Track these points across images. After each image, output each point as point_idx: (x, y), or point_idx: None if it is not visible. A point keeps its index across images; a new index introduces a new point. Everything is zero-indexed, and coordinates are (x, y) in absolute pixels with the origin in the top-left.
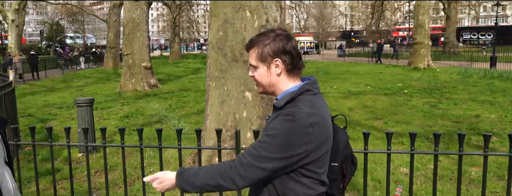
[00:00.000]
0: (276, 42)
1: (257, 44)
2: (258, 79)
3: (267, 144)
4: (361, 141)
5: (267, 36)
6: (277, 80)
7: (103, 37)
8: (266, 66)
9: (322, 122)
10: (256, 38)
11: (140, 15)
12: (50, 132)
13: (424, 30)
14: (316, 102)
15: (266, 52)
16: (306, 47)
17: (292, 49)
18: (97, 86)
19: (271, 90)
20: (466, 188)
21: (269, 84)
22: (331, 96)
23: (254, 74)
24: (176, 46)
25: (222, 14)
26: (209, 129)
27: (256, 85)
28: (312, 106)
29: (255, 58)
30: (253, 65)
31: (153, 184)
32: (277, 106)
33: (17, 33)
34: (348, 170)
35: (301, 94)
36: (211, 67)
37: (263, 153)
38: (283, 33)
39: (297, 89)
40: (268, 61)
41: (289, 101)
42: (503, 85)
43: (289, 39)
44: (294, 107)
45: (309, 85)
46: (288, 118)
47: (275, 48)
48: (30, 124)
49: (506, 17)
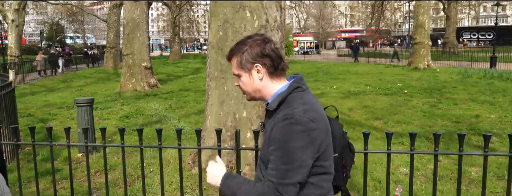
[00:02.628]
0: (253, 48)
1: (235, 53)
2: (243, 87)
3: (283, 158)
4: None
5: (244, 43)
6: (261, 85)
7: (103, 37)
8: (248, 73)
9: (319, 116)
10: (234, 47)
11: (140, 15)
12: (50, 132)
13: (424, 30)
14: (307, 98)
15: (245, 59)
16: (306, 47)
17: (271, 51)
18: (97, 86)
19: (258, 95)
20: (466, 188)
21: (254, 90)
22: (331, 96)
23: (239, 83)
24: (176, 46)
25: (222, 14)
26: (209, 129)
27: (244, 93)
28: (304, 102)
29: (236, 67)
30: (236, 74)
31: (207, 172)
32: (270, 110)
33: (17, 33)
34: (348, 158)
35: (291, 92)
36: (211, 67)
37: (286, 167)
38: (259, 37)
39: (286, 89)
40: (248, 67)
41: (281, 102)
42: (503, 85)
43: (266, 43)
44: (289, 108)
45: (296, 82)
46: (288, 122)
47: (253, 54)
48: (30, 124)
49: (506, 17)
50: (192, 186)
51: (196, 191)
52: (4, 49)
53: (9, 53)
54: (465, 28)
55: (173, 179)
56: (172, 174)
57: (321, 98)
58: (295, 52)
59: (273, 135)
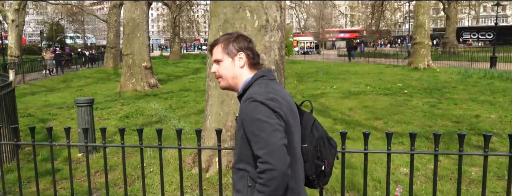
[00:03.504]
0: (240, 41)
1: (221, 41)
2: (222, 72)
3: (256, 131)
4: (361, 141)
5: (231, 35)
6: (240, 72)
7: (103, 37)
8: (231, 58)
9: (280, 98)
10: (221, 37)
11: (140, 15)
12: (50, 132)
13: (424, 30)
14: (271, 85)
15: (231, 46)
16: (306, 47)
17: (253, 48)
18: (97, 86)
19: (234, 82)
20: (466, 188)
21: (233, 76)
22: (331, 96)
23: (217, 69)
24: (176, 46)
25: (222, 14)
26: (209, 129)
27: (219, 80)
28: (266, 86)
29: (221, 52)
30: (217, 60)
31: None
32: (239, 96)
33: (17, 33)
34: (326, 152)
35: (256, 79)
36: (211, 67)
37: (263, 136)
38: (244, 34)
39: (251, 76)
40: (232, 54)
41: (246, 87)
42: (503, 85)
43: (250, 41)
44: (249, 93)
45: (263, 72)
46: (250, 101)
47: (240, 44)
48: (30, 124)
49: (506, 17)
50: (192, 186)
51: (196, 191)
52: (4, 49)
53: (9, 53)
54: (465, 28)
55: (173, 179)
56: (172, 174)
57: (321, 98)
58: (295, 52)
59: (242, 116)
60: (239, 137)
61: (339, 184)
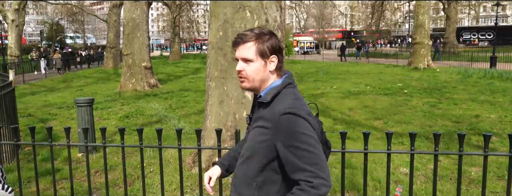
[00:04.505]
0: (273, 41)
1: (256, 39)
2: (251, 73)
3: (303, 146)
4: (361, 141)
5: (263, 32)
6: (269, 76)
7: (103, 37)
8: (264, 61)
9: (309, 109)
10: (253, 34)
11: (140, 15)
12: (50, 132)
13: (424, 30)
14: (298, 94)
15: (265, 48)
16: (306, 47)
17: (282, 48)
18: (97, 86)
19: (259, 85)
20: (466, 188)
21: (262, 79)
22: (331, 96)
23: (245, 68)
24: (176, 46)
25: (222, 14)
26: (209, 129)
27: (242, 80)
28: (295, 97)
29: (254, 51)
30: (248, 59)
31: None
32: (263, 102)
33: (17, 33)
34: (325, 154)
35: (285, 87)
36: (211, 67)
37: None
38: (272, 33)
39: (280, 83)
40: (266, 56)
41: (275, 95)
42: (503, 85)
43: (280, 41)
44: (285, 103)
45: (289, 79)
46: (291, 115)
47: (274, 45)
48: (30, 124)
49: (506, 17)
50: (192, 186)
51: (196, 191)
52: (4, 49)
53: (9, 53)
54: (465, 28)
55: (173, 179)
56: (172, 174)
57: (321, 98)
58: (295, 52)
59: (281, 129)
60: (260, 146)
61: (339, 184)
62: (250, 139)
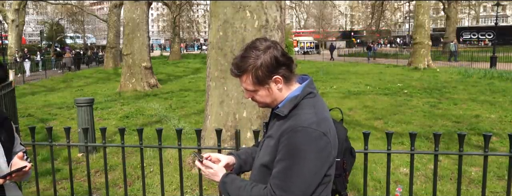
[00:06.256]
0: (266, 60)
1: (247, 69)
2: (260, 99)
3: (292, 171)
4: (361, 141)
5: (251, 56)
6: (280, 94)
7: (103, 37)
8: (267, 88)
9: (329, 126)
10: (242, 62)
11: (140, 15)
12: (50, 132)
13: (424, 30)
14: (318, 105)
15: (261, 75)
16: (306, 47)
17: (284, 59)
18: (97, 86)
19: (275, 104)
20: (466, 188)
21: (273, 100)
22: (331, 96)
23: (253, 95)
24: (176, 46)
25: (222, 14)
26: (209, 129)
27: (255, 102)
28: (316, 112)
29: (252, 84)
30: (251, 90)
31: (204, 171)
32: (281, 115)
33: (17, 33)
34: (348, 162)
35: (304, 98)
36: (211, 67)
37: (293, 182)
38: (264, 45)
39: (299, 94)
40: (266, 82)
41: (293, 107)
42: (503, 85)
43: (274, 49)
44: (301, 118)
45: (309, 87)
46: (302, 134)
47: (268, 67)
48: (30, 124)
49: (506, 17)
50: (192, 186)
51: (196, 191)
52: (4, 49)
53: (9, 53)
54: (465, 28)
55: (173, 179)
56: (172, 174)
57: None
58: (295, 52)
59: (284, 144)
60: (271, 158)
61: None
62: (265, 151)
